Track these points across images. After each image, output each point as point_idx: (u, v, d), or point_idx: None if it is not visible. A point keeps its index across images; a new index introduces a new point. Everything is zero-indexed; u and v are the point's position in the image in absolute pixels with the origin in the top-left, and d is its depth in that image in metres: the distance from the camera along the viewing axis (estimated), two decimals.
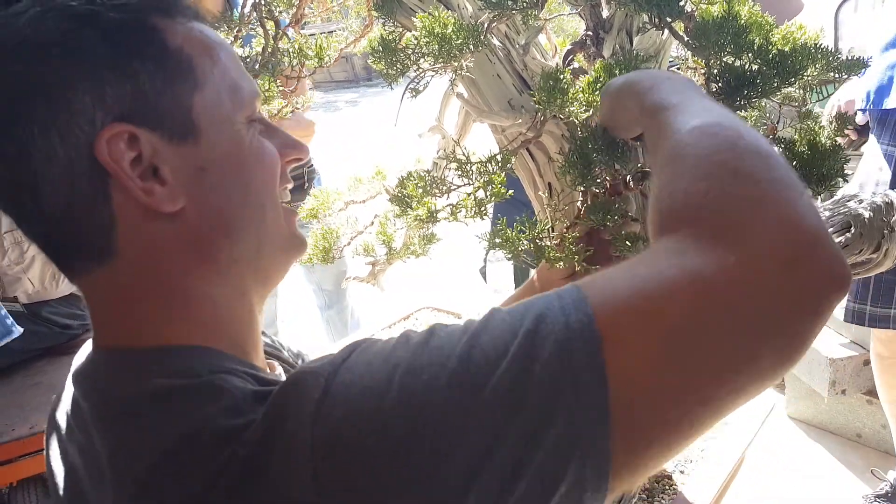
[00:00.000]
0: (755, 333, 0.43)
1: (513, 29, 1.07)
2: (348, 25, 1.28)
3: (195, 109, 0.57)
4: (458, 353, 0.46)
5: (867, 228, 1.07)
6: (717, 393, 0.43)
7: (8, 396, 2.16)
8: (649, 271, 0.45)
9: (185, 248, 0.58)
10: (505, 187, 0.90)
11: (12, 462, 1.95)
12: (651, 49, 1.07)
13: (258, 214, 0.62)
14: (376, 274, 1.38)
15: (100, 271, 0.58)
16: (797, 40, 0.93)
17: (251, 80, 0.64)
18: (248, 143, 0.61)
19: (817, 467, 2.59)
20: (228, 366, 0.56)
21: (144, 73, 0.55)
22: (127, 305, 0.58)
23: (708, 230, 0.46)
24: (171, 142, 0.56)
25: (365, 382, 0.46)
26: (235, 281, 0.62)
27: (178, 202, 0.57)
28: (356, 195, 1.37)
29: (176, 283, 0.58)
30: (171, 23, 0.58)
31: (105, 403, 0.57)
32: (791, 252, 0.43)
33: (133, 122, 0.54)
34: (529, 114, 1.00)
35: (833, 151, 0.80)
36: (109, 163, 0.53)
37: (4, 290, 2.36)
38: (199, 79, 0.58)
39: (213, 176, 0.58)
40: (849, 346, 2.66)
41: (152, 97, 0.55)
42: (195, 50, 0.58)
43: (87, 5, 0.55)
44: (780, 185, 0.47)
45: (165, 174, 0.56)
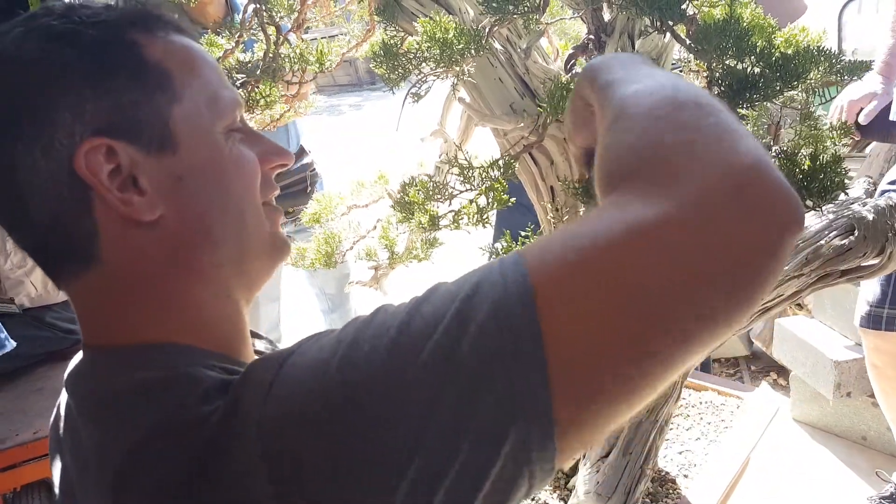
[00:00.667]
0: (700, 278, 0.41)
1: (514, 33, 1.07)
2: (351, 30, 1.28)
3: (173, 121, 0.59)
4: (398, 322, 0.46)
5: (871, 231, 1.07)
6: (664, 344, 0.41)
7: (11, 401, 2.16)
8: (586, 228, 0.44)
9: (166, 255, 0.60)
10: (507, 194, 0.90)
11: (16, 467, 1.95)
12: (653, 52, 1.07)
13: (239, 220, 0.64)
14: (379, 278, 1.38)
15: (85, 276, 0.60)
16: (800, 43, 0.93)
17: (232, 89, 0.66)
18: (228, 152, 0.62)
19: (822, 470, 2.58)
20: (208, 361, 0.58)
21: (123, 87, 0.57)
22: (112, 308, 0.60)
23: (646, 180, 0.45)
24: (149, 153, 0.58)
25: (311, 361, 0.47)
26: (219, 284, 0.63)
27: (157, 211, 0.58)
28: (359, 199, 1.37)
29: (159, 287, 0.60)
30: (151, 37, 0.60)
31: (89, 399, 0.59)
32: (730, 186, 0.42)
33: (111, 136, 0.56)
34: (531, 118, 1.00)
35: (834, 163, 0.79)
36: (88, 175, 0.55)
37: (6, 292, 2.37)
38: (178, 91, 0.60)
39: (192, 184, 0.60)
40: (854, 349, 2.65)
41: (130, 110, 0.57)
42: (174, 63, 0.60)
43: (68, 24, 0.57)
44: (717, 127, 0.46)
45: (144, 184, 0.58)
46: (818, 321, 2.88)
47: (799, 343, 2.79)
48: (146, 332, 0.60)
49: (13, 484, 1.99)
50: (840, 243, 1.08)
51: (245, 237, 0.64)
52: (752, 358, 3.34)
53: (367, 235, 1.32)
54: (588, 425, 0.43)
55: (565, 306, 0.42)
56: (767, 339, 3.10)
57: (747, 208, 0.41)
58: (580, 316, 0.42)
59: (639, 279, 0.41)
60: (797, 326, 2.87)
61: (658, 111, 0.49)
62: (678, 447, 1.40)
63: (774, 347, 2.99)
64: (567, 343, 0.42)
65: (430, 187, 0.92)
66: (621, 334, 0.41)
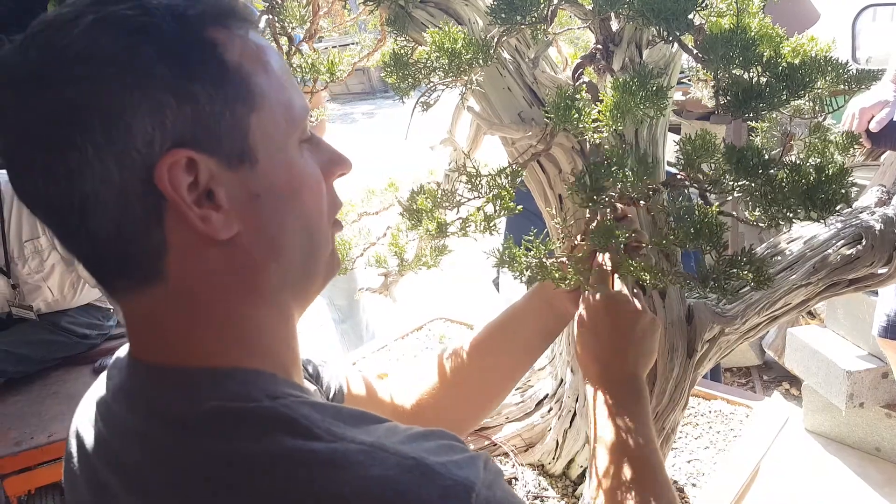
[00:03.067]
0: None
1: (523, 43, 1.08)
2: (363, 39, 1.30)
3: (252, 133, 0.55)
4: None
5: (878, 241, 1.07)
6: None
7: (27, 405, 2.19)
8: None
9: (235, 275, 0.57)
10: (514, 201, 0.91)
11: (31, 470, 1.98)
12: (661, 62, 1.07)
13: (307, 241, 0.61)
14: (389, 285, 1.39)
15: (144, 292, 0.56)
16: (807, 53, 0.93)
17: (302, 94, 0.62)
18: (303, 168, 0.60)
19: (835, 481, 2.56)
20: (283, 390, 0.56)
21: (204, 95, 0.52)
22: (173, 326, 0.57)
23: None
24: (228, 167, 0.54)
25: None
26: (281, 304, 0.62)
27: (233, 229, 0.55)
28: (369, 207, 1.39)
29: (223, 308, 0.58)
30: (229, 34, 0.55)
31: (155, 420, 0.56)
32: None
33: (192, 147, 0.52)
34: (539, 126, 1.01)
35: (839, 176, 0.79)
36: (169, 190, 0.52)
37: (24, 298, 2.40)
38: (257, 99, 0.55)
39: (268, 203, 0.57)
40: (867, 359, 2.63)
41: (212, 121, 0.53)
42: (252, 65, 0.56)
43: (144, 16, 0.52)
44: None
45: (221, 200, 0.54)
46: (831, 331, 2.86)
47: (811, 353, 2.78)
48: (212, 354, 0.57)
49: (27, 487, 2.02)
50: (848, 252, 1.08)
51: (311, 260, 0.62)
52: (764, 367, 3.32)
53: (378, 242, 1.33)
54: None
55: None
56: (780, 349, 3.08)
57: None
58: None
59: None
60: (809, 336, 2.85)
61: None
62: (686, 456, 1.40)
63: (787, 357, 2.98)
64: None
65: (438, 195, 0.93)
66: None
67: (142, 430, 0.57)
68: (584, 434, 1.29)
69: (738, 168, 0.84)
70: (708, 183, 0.88)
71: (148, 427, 0.56)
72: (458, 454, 0.54)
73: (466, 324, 2.03)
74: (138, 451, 0.56)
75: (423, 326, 2.05)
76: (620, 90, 0.84)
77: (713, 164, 0.89)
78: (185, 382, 0.56)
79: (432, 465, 0.51)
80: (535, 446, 1.40)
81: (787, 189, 0.82)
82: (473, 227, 0.89)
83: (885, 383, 2.58)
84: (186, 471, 0.52)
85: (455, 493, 0.49)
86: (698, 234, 0.85)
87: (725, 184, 0.86)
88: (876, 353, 2.61)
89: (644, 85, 0.84)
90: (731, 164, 0.84)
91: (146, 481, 0.55)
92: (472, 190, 0.91)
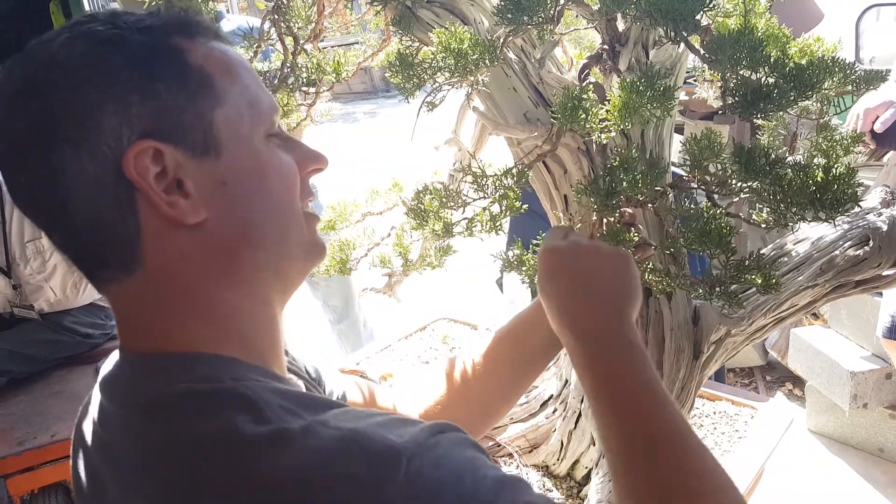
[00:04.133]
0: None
1: (529, 43, 1.07)
2: (367, 39, 1.29)
3: (216, 125, 0.60)
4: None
5: (886, 242, 1.07)
6: None
7: (30, 405, 2.19)
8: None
9: (208, 258, 0.61)
10: (520, 201, 0.90)
11: (34, 469, 1.98)
12: (667, 62, 1.07)
13: (280, 225, 0.64)
14: (393, 285, 1.39)
15: (126, 281, 0.61)
16: (814, 53, 0.93)
17: (270, 94, 0.67)
18: (267, 157, 0.63)
19: (838, 482, 2.55)
20: (250, 375, 0.59)
21: (167, 91, 0.58)
22: (152, 313, 0.61)
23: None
24: (193, 156, 0.59)
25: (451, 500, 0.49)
26: (258, 289, 0.64)
27: (201, 214, 0.59)
28: (373, 207, 1.38)
29: (200, 292, 0.61)
30: (192, 43, 0.61)
31: (132, 405, 0.60)
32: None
33: (157, 139, 0.57)
34: (545, 127, 1.01)
35: (847, 175, 0.79)
36: (136, 177, 0.56)
37: (26, 298, 2.40)
38: (220, 95, 0.61)
39: (235, 189, 0.61)
40: (870, 360, 2.62)
41: (175, 114, 0.58)
42: (215, 68, 0.61)
43: (114, 30, 0.58)
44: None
45: (189, 187, 0.59)
46: (834, 331, 2.86)
47: (815, 353, 2.77)
48: (188, 339, 0.60)
49: (31, 486, 2.02)
50: (854, 254, 1.08)
51: (285, 242, 0.65)
52: (768, 368, 3.31)
53: (382, 243, 1.33)
54: None
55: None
56: (783, 349, 3.08)
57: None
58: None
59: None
60: (813, 336, 2.85)
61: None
62: None
63: (790, 357, 2.97)
64: None
65: (443, 195, 0.93)
66: None
67: (121, 417, 0.60)
68: (588, 435, 1.29)
69: (747, 168, 0.83)
70: (715, 184, 0.87)
71: (126, 413, 0.60)
72: (413, 427, 0.54)
73: (470, 324, 2.02)
74: (118, 438, 0.60)
75: (426, 326, 2.05)
76: (628, 90, 0.83)
77: (719, 164, 0.88)
78: (160, 368, 0.59)
79: (365, 432, 0.52)
80: (540, 447, 1.40)
81: (796, 189, 0.81)
82: (479, 227, 0.88)
83: (888, 384, 2.57)
84: (151, 451, 0.55)
85: (382, 459, 0.50)
86: (706, 236, 0.85)
87: (733, 185, 0.86)
88: (880, 353, 2.60)
89: (651, 85, 0.84)
90: (740, 163, 0.84)
91: (123, 465, 0.58)
92: (477, 190, 0.91)
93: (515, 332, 1.04)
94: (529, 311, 1.05)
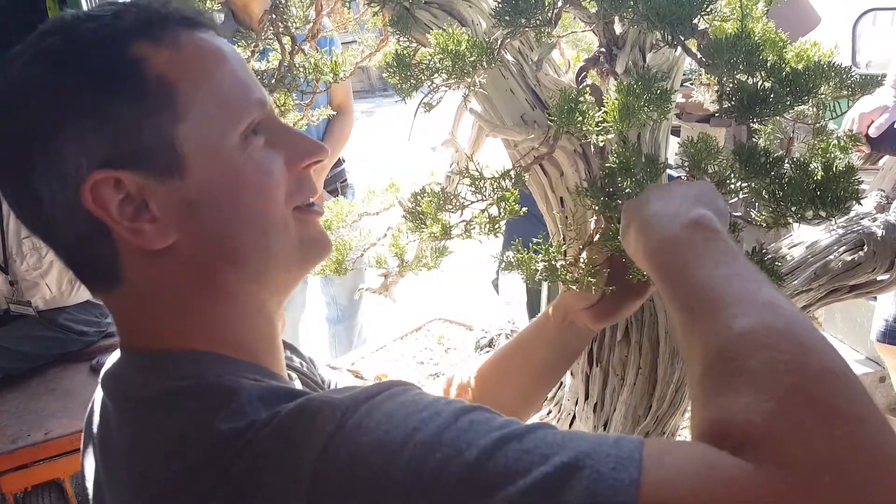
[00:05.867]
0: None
1: (526, 45, 1.07)
2: (364, 39, 1.29)
3: (179, 141, 0.57)
4: (481, 445, 0.44)
5: (880, 247, 1.07)
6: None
7: (23, 402, 2.18)
8: (720, 478, 0.41)
9: (187, 278, 0.60)
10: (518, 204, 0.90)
11: (27, 467, 1.97)
12: (664, 66, 1.07)
13: (261, 238, 0.61)
14: (388, 286, 1.39)
15: (114, 293, 0.61)
16: (811, 58, 0.93)
17: (257, 85, 0.63)
18: (243, 166, 0.59)
19: None
20: (239, 371, 0.58)
21: (125, 110, 0.55)
22: (144, 321, 0.62)
23: (788, 462, 0.40)
24: (156, 178, 0.57)
25: (379, 434, 0.46)
26: (248, 297, 0.63)
27: (170, 237, 0.58)
28: (370, 207, 1.38)
29: (181, 305, 0.61)
30: (156, 47, 0.57)
31: (122, 401, 0.61)
32: (876, 498, 0.38)
33: (115, 166, 0.55)
34: (542, 129, 1.01)
35: (847, 173, 0.79)
36: (95, 209, 0.55)
37: (22, 294, 2.39)
38: (181, 107, 0.57)
39: (204, 207, 0.58)
40: (864, 363, 2.63)
41: (134, 135, 0.56)
42: (179, 72, 0.57)
43: (71, 45, 0.56)
44: (866, 423, 0.42)
45: (154, 211, 0.57)
46: (829, 334, 2.86)
47: None
48: (179, 340, 0.60)
49: (24, 484, 2.01)
50: (849, 258, 1.08)
51: (270, 252, 0.62)
52: None
53: (378, 243, 1.33)
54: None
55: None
56: None
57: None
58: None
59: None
60: None
61: (787, 379, 0.44)
62: None
63: None
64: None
65: (441, 198, 0.93)
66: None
67: (115, 412, 0.61)
68: None
69: (748, 167, 0.84)
70: (714, 183, 0.88)
71: (119, 408, 0.60)
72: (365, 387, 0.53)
73: (465, 325, 2.03)
74: (111, 432, 0.60)
75: (421, 327, 2.05)
76: (625, 93, 0.84)
77: (717, 165, 0.89)
78: (151, 365, 0.60)
79: (311, 397, 0.52)
80: None
81: (796, 187, 0.81)
82: (478, 229, 0.88)
83: (882, 388, 2.58)
84: (145, 449, 0.55)
85: (320, 411, 0.49)
86: None
87: (732, 184, 0.86)
88: (873, 357, 2.61)
89: (649, 88, 0.84)
90: (740, 162, 0.84)
91: (116, 462, 0.59)
92: (475, 192, 0.91)
93: (526, 343, 1.02)
94: (541, 322, 1.03)
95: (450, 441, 0.45)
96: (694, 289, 0.56)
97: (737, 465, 0.41)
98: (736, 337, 0.48)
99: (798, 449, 0.40)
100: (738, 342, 0.48)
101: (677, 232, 0.64)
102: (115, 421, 0.60)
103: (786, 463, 0.40)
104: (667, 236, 0.65)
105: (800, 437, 0.41)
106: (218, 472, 0.49)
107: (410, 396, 0.50)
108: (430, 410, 0.47)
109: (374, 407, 0.48)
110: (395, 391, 0.51)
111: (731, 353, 0.48)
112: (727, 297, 0.52)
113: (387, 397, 0.50)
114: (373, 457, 0.45)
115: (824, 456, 0.40)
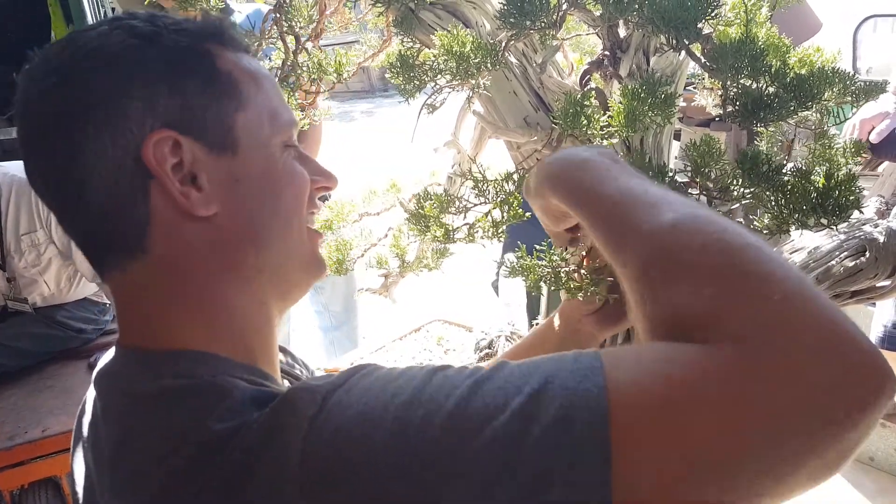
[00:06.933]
0: (785, 443, 0.41)
1: (530, 47, 1.07)
2: (367, 39, 1.29)
3: (237, 126, 0.62)
4: (458, 394, 0.46)
5: (882, 253, 1.07)
6: (735, 496, 0.41)
7: (21, 399, 2.18)
8: (679, 365, 0.43)
9: (212, 251, 0.62)
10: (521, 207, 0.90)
11: (24, 464, 1.96)
12: (668, 69, 1.07)
13: (285, 229, 0.66)
14: (388, 286, 1.39)
15: (129, 268, 0.62)
16: (814, 63, 0.93)
17: (290, 109, 0.69)
18: (282, 164, 0.66)
19: (828, 490, 2.56)
20: (234, 372, 0.59)
21: (194, 88, 0.61)
22: (150, 303, 0.62)
23: (738, 336, 0.43)
24: (211, 152, 0.61)
25: (360, 407, 0.48)
26: (257, 289, 0.65)
27: (212, 208, 0.61)
28: (370, 207, 1.38)
29: (199, 286, 0.62)
30: (223, 50, 0.64)
31: (115, 400, 0.61)
32: (828, 354, 0.41)
33: (179, 130, 0.59)
34: (545, 131, 1.01)
35: (848, 181, 0.79)
36: (153, 164, 0.58)
37: (20, 291, 2.38)
38: (243, 100, 0.63)
39: (247, 188, 0.63)
40: None
41: (199, 111, 0.60)
42: (242, 76, 0.64)
43: (151, 27, 0.61)
44: (792, 281, 0.45)
45: (203, 181, 0.61)
46: None
47: None
48: (179, 337, 0.61)
49: (21, 481, 2.00)
50: (851, 264, 1.08)
51: (288, 247, 0.67)
52: None
53: (379, 243, 1.33)
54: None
55: (641, 445, 0.41)
56: None
57: (841, 379, 0.41)
58: (655, 457, 0.41)
59: (725, 438, 0.41)
60: None
61: (716, 258, 0.47)
62: None
63: None
64: (635, 475, 0.41)
65: (444, 200, 0.93)
66: (693, 483, 0.41)
67: (107, 408, 0.61)
68: None
69: (751, 174, 0.84)
70: (717, 190, 0.88)
71: (112, 404, 0.61)
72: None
73: (465, 326, 2.03)
74: (101, 433, 0.61)
75: (421, 328, 2.05)
76: (630, 97, 0.84)
77: (719, 170, 0.89)
78: (147, 364, 0.60)
79: (294, 386, 0.53)
80: None
81: (798, 195, 0.81)
82: (481, 233, 0.88)
83: None
84: (134, 450, 0.56)
85: (300, 398, 0.50)
86: None
87: (734, 191, 0.86)
88: None
89: (653, 92, 0.84)
90: (743, 170, 0.84)
91: (105, 462, 0.59)
92: (478, 195, 0.91)
93: (531, 349, 1.02)
94: (546, 328, 1.04)
95: (429, 397, 0.46)
96: (617, 197, 0.58)
97: (693, 349, 0.44)
98: (669, 229, 0.51)
99: (745, 321, 0.43)
100: (671, 234, 0.51)
101: (585, 156, 0.66)
102: (106, 417, 0.61)
103: (738, 336, 0.43)
104: (575, 163, 0.66)
105: (743, 309, 0.44)
106: (212, 471, 0.50)
107: (384, 371, 0.52)
108: (405, 377, 0.49)
109: (351, 386, 0.50)
110: (369, 369, 0.52)
111: (666, 245, 0.50)
112: (650, 198, 0.56)
113: (362, 376, 0.51)
114: (357, 429, 0.46)
115: (769, 319, 0.43)
